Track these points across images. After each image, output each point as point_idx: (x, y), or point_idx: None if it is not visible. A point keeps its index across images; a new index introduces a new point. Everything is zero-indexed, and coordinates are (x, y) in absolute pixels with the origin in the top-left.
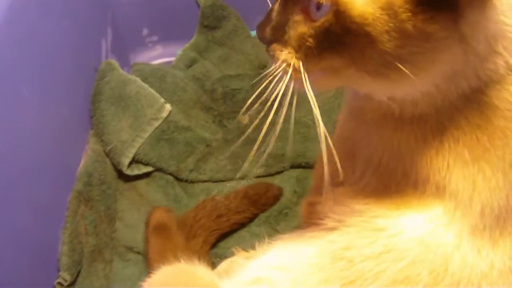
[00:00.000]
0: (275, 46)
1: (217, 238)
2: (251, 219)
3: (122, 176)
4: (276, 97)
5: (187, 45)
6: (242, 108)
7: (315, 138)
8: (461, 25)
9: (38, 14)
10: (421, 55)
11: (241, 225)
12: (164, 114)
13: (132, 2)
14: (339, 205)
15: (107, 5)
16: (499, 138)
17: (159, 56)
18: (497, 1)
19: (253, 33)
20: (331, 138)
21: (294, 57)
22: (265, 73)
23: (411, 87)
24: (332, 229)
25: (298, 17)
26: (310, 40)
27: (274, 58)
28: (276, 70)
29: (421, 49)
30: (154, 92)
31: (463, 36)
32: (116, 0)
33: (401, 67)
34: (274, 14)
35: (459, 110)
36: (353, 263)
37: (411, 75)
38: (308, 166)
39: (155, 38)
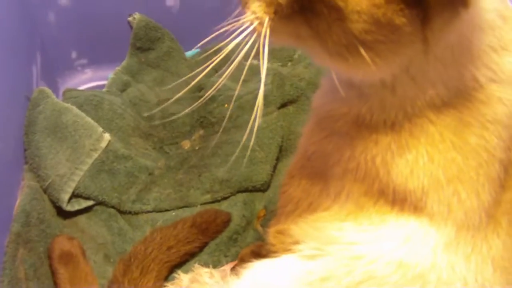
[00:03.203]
0: None
1: (169, 270)
2: (201, 248)
3: (62, 213)
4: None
5: (118, 68)
6: (182, 132)
7: (262, 161)
8: (425, 28)
9: None
10: (385, 44)
11: (192, 255)
12: (104, 144)
13: (60, 24)
14: (314, 231)
15: (35, 29)
16: (473, 158)
17: (89, 80)
18: (465, 18)
19: (189, 54)
20: (293, 156)
21: (263, 11)
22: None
23: (367, 74)
24: (309, 257)
25: None
26: None
27: (244, 8)
28: (244, 19)
29: (386, 39)
30: (92, 120)
31: (425, 38)
32: (44, 22)
33: (363, 52)
34: None
35: (432, 123)
36: None
37: (370, 62)
38: (255, 189)
39: (84, 61)
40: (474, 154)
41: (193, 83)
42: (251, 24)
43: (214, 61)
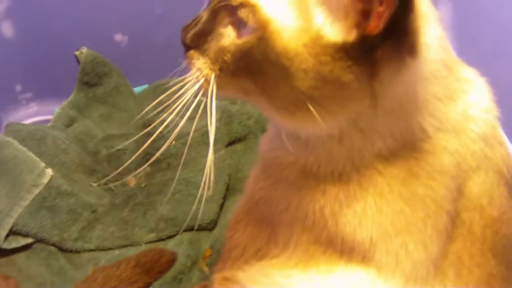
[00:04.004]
0: (193, 52)
1: None
2: None
3: None
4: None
5: (65, 102)
6: (128, 169)
7: (208, 199)
8: (373, 81)
9: None
10: (332, 99)
11: None
12: (45, 180)
13: (4, 56)
14: (262, 277)
15: None
16: (421, 209)
17: (35, 114)
18: (412, 68)
19: (137, 89)
20: (240, 194)
21: (209, 68)
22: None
23: (315, 129)
24: None
25: (224, 30)
26: (228, 56)
27: (189, 65)
28: (190, 77)
29: (333, 94)
30: (33, 155)
31: (373, 92)
32: None
33: (311, 107)
34: (202, 20)
35: (381, 174)
36: None
37: (318, 117)
38: (200, 228)
39: (29, 95)
40: (422, 205)
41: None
42: (197, 81)
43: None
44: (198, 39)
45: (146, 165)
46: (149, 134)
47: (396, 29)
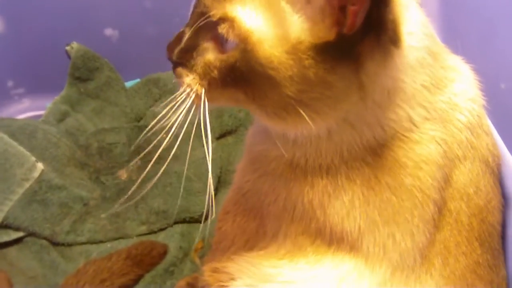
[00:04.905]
0: (180, 69)
1: None
2: (136, 281)
3: None
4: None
5: (57, 97)
6: (120, 163)
7: (199, 192)
8: (360, 74)
9: None
10: (321, 101)
11: None
12: (36, 174)
13: None
14: (251, 266)
15: None
16: (408, 199)
17: (26, 109)
18: (397, 58)
19: (128, 84)
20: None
21: (198, 83)
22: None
23: (305, 130)
24: None
25: (207, 44)
26: (215, 71)
27: (179, 81)
28: (180, 94)
29: (321, 96)
30: (24, 150)
31: (361, 85)
32: None
33: (301, 111)
34: (185, 37)
35: (368, 165)
36: None
37: (308, 119)
38: (192, 220)
39: (21, 90)
40: (409, 195)
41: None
42: (188, 96)
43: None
44: (183, 56)
45: (138, 158)
46: (140, 128)
47: (375, 22)
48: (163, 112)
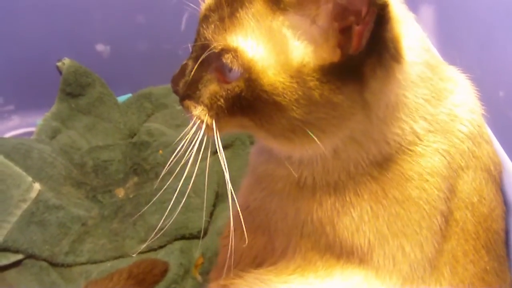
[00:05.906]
0: (188, 102)
1: None
2: None
3: None
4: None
5: (48, 114)
6: (116, 180)
7: (197, 208)
8: (365, 93)
9: None
10: (327, 121)
11: None
12: (33, 194)
13: None
14: (261, 283)
15: None
16: (415, 211)
17: (17, 126)
18: (399, 74)
19: (120, 98)
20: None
21: (207, 114)
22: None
23: (311, 150)
24: None
25: (211, 75)
26: (222, 101)
27: (188, 114)
28: (192, 127)
29: (327, 116)
30: (20, 170)
31: (366, 102)
32: None
33: (308, 132)
34: (188, 69)
35: (375, 180)
36: None
37: (316, 139)
38: (191, 237)
39: (11, 107)
40: (417, 207)
41: None
42: (199, 128)
43: None
44: (189, 89)
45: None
46: (135, 144)
47: (377, 40)
48: (178, 149)
